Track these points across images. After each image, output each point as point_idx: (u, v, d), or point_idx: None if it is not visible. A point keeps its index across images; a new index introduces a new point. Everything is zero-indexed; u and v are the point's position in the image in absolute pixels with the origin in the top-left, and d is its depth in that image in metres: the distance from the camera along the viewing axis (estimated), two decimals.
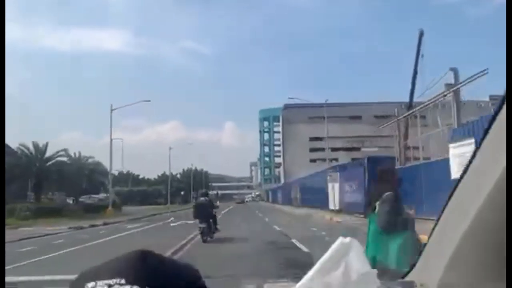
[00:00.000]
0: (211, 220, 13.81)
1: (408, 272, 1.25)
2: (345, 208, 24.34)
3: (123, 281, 0.64)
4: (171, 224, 21.87)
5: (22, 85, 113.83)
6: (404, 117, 31.86)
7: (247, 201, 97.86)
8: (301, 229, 16.06)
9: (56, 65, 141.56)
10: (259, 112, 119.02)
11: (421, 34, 38.37)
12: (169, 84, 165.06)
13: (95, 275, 0.66)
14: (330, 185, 27.74)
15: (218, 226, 14.40)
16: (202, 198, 14.92)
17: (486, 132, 0.95)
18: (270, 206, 53.74)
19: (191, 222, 24.45)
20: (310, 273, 1.00)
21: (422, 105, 32.24)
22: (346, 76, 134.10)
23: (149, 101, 34.92)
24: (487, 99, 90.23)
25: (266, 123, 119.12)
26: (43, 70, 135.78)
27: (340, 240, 1.02)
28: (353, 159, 43.58)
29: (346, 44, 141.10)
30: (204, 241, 13.11)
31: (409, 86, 32.84)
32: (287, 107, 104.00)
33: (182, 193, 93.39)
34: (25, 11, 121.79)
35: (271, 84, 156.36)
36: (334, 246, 1.02)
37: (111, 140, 32.57)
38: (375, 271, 1.00)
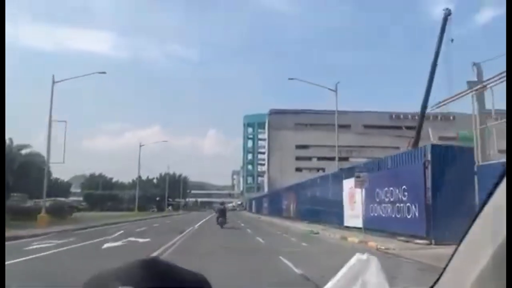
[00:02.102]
0: (224, 217, 23.75)
1: None
2: (378, 226, 15.60)
3: None
4: (104, 246, 12.56)
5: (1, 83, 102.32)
6: (443, 104, 23.48)
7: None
8: None
9: (40, 64, 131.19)
10: (243, 117, 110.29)
11: (448, 14, 30.13)
12: (153, 89, 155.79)
13: (103, 283, 0.65)
14: (348, 192, 19.03)
15: (227, 220, 24.25)
16: (221, 206, 25.82)
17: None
18: (255, 218, 44.60)
19: (142, 240, 15.41)
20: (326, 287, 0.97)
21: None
22: (334, 84, 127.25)
23: (104, 72, 25.69)
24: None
25: (250, 130, 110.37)
26: (26, 69, 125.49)
27: (357, 256, 0.97)
28: (341, 170, 35.42)
29: (333, 52, 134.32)
30: (221, 227, 22.56)
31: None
32: (273, 112, 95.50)
33: (157, 199, 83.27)
34: (8, 8, 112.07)
35: (257, 91, 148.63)
36: (350, 262, 0.95)
37: (50, 122, 23.06)
38: None
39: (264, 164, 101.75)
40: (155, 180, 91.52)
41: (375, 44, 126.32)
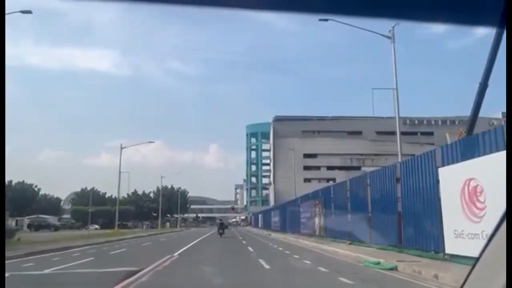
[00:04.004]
0: (224, 230, 29.91)
1: None
2: None
3: None
4: None
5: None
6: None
7: (231, 225, 78.08)
8: None
9: (40, 83, 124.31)
10: (246, 127, 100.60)
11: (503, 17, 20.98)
12: (154, 105, 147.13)
13: None
14: (461, 188, 9.22)
15: (225, 232, 30.25)
16: (220, 221, 31.92)
17: None
18: (263, 235, 34.44)
19: None
20: None
21: None
22: (340, 91, 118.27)
23: (29, 12, 16.40)
24: (500, 115, 72.75)
25: (253, 140, 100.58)
26: (27, 88, 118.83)
27: None
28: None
29: (341, 56, 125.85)
30: (220, 236, 27.60)
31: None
32: (277, 119, 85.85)
33: (154, 214, 73.05)
34: (8, 27, 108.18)
35: (258, 105, 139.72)
36: None
37: None
38: None
39: (268, 176, 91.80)
40: (152, 194, 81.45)
41: (384, 48, 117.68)
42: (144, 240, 25.53)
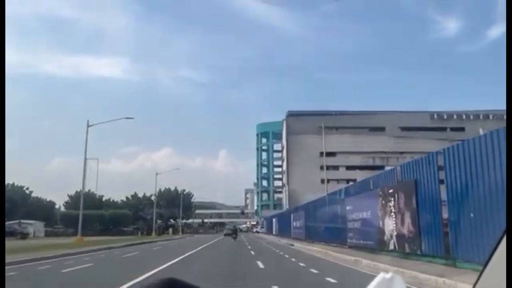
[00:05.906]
0: (236, 234, 33.91)
1: None
2: None
3: None
4: None
5: (16, 108, 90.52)
6: None
7: (242, 231, 67.80)
8: None
9: (52, 90, 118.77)
10: (256, 126, 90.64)
11: None
12: (165, 111, 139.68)
13: None
14: None
15: (237, 237, 33.99)
16: (233, 227, 38.04)
17: None
18: (285, 247, 24.25)
19: None
20: None
21: None
22: (366, 81, 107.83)
23: None
24: None
25: (264, 140, 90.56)
26: (39, 95, 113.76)
27: (382, 275, 0.89)
28: None
29: (363, 47, 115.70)
30: (234, 240, 30.83)
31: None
32: (291, 114, 75.80)
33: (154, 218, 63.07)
34: (22, 35, 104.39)
35: (269, 110, 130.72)
36: (374, 282, 0.88)
37: None
38: None
39: (281, 178, 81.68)
40: (153, 197, 71.38)
41: (409, 40, 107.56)
42: (97, 258, 15.44)
